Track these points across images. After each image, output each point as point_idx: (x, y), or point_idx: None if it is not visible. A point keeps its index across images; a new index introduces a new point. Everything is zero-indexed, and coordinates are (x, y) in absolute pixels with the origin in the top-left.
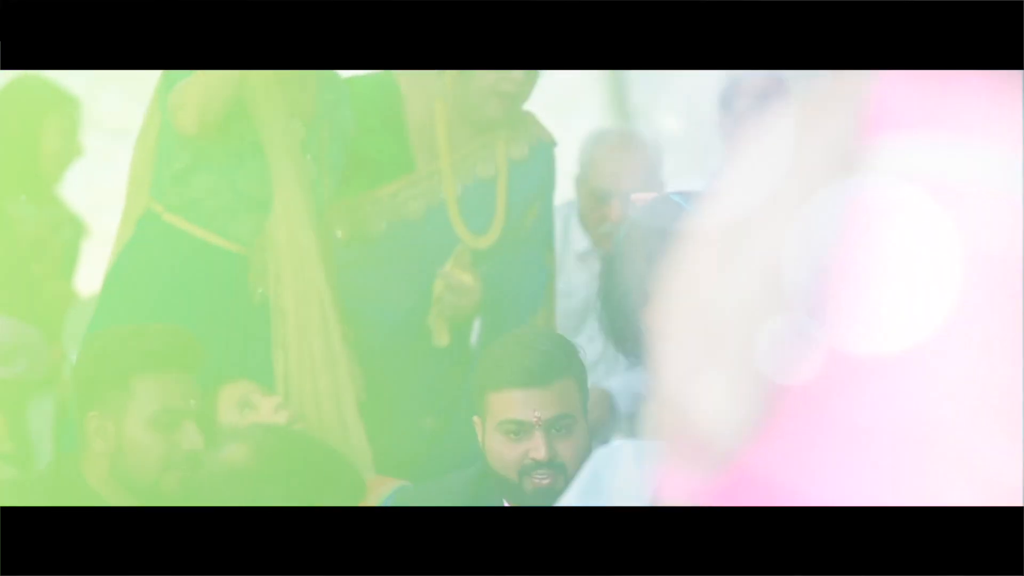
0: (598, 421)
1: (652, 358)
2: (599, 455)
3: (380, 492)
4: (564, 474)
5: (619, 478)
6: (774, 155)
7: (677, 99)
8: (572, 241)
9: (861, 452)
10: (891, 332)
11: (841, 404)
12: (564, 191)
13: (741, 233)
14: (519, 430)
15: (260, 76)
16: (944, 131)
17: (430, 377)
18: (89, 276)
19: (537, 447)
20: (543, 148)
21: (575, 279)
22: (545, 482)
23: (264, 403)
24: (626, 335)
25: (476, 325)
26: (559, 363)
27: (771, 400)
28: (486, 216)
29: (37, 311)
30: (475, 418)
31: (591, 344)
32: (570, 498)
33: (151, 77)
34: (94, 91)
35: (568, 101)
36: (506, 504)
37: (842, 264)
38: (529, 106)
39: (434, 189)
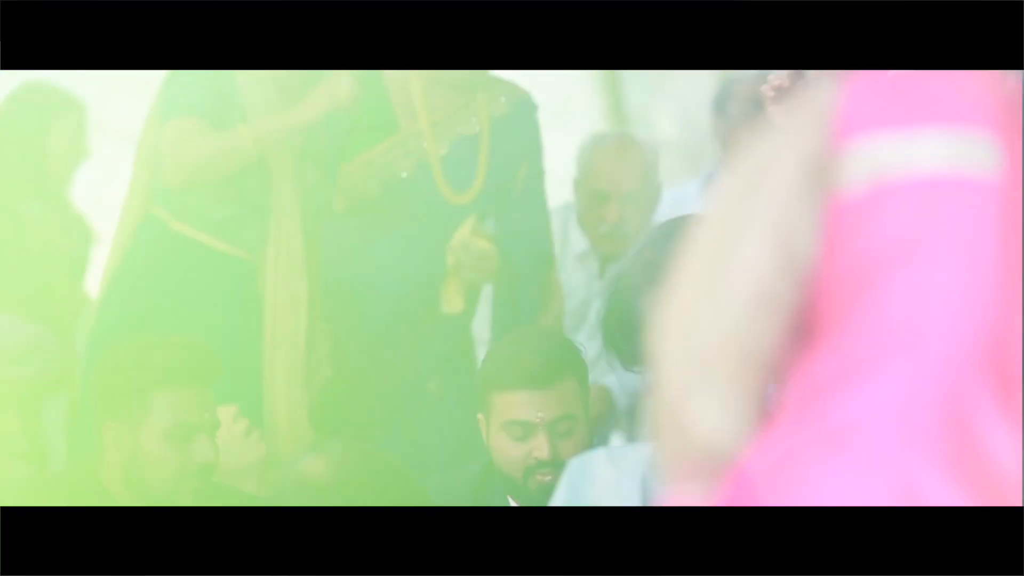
0: (598, 417)
1: (649, 380)
2: (573, 467)
3: None
4: None
5: (596, 487)
6: (750, 175)
7: (673, 103)
8: (571, 242)
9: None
10: (881, 332)
11: (833, 407)
12: (563, 193)
13: (727, 252)
14: (523, 431)
15: (260, 88)
16: (908, 123)
17: (434, 341)
18: (100, 279)
19: (540, 447)
20: (524, 106)
21: (575, 279)
22: (548, 479)
23: (221, 412)
24: (627, 349)
25: (486, 291)
26: (561, 364)
27: (765, 411)
28: (470, 173)
29: (49, 313)
30: (479, 415)
31: (591, 342)
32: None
33: (160, 83)
34: (102, 96)
35: (567, 105)
36: (511, 502)
37: (827, 268)
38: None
39: (422, 147)
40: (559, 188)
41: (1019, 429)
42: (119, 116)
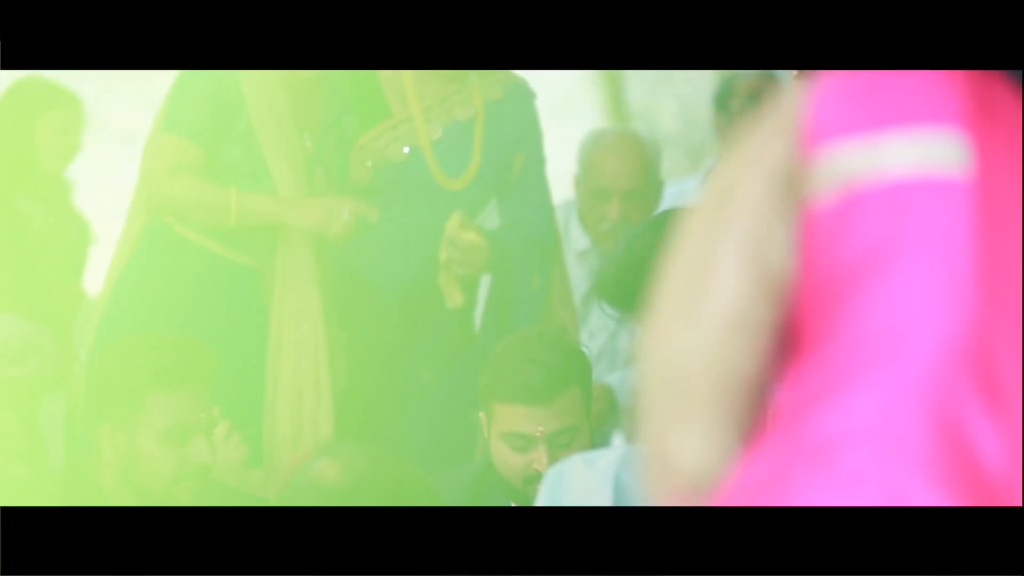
0: (600, 416)
1: (633, 414)
2: (550, 477)
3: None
4: None
5: (573, 493)
6: (720, 192)
7: (674, 99)
8: (572, 240)
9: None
10: (860, 344)
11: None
12: (564, 190)
13: (701, 275)
14: (523, 443)
15: (267, 94)
16: (873, 128)
17: (435, 332)
18: (98, 276)
19: (540, 460)
20: (520, 92)
21: (576, 277)
22: None
23: None
24: (619, 297)
25: (484, 281)
26: (566, 375)
27: (751, 432)
28: (465, 158)
29: (46, 310)
30: (480, 414)
31: (592, 340)
32: None
33: (159, 80)
34: (102, 93)
35: (567, 102)
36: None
37: (804, 282)
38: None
39: (413, 132)
40: (560, 185)
41: (1008, 431)
42: (117, 112)
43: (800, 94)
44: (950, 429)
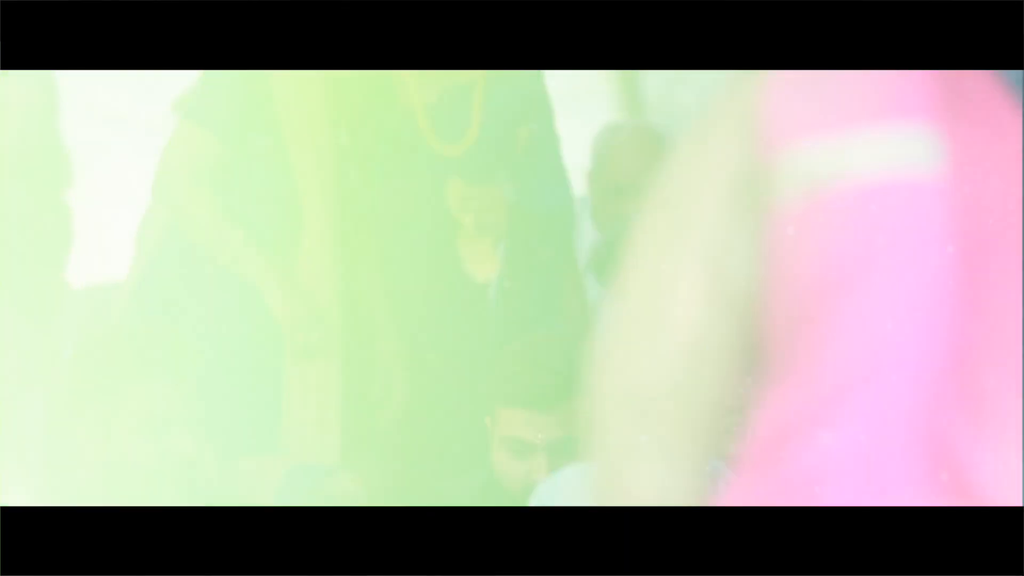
0: None
1: (587, 443)
2: (543, 492)
3: None
4: None
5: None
6: (675, 202)
7: (691, 92)
8: (585, 238)
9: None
10: (839, 366)
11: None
12: (576, 187)
13: (659, 296)
14: (525, 450)
15: (297, 86)
16: (838, 126)
17: (436, 312)
18: (82, 268)
19: (540, 469)
20: None
21: (587, 277)
22: None
23: None
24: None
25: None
26: (572, 381)
27: (721, 466)
28: (463, 123)
29: (27, 303)
30: (487, 418)
31: None
32: None
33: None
34: (86, 78)
35: (580, 95)
36: None
37: (773, 297)
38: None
39: (406, 94)
40: (571, 182)
41: (1000, 450)
42: (103, 96)
43: (758, 91)
44: (939, 453)
